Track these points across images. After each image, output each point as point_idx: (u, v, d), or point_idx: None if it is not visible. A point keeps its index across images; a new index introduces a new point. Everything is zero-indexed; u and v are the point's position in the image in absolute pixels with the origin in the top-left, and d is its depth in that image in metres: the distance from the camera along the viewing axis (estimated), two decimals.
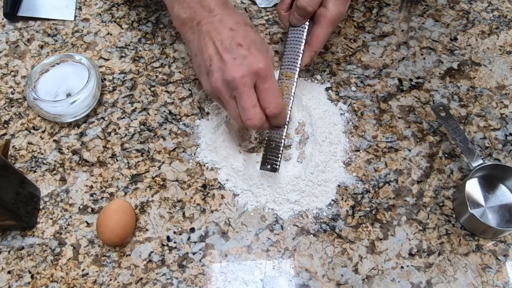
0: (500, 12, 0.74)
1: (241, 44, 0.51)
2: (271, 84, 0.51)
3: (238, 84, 0.50)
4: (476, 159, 0.57)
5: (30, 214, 0.57)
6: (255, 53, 0.51)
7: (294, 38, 0.59)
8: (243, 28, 0.53)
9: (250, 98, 0.51)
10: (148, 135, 0.63)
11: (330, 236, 0.57)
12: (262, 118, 0.52)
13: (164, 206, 0.59)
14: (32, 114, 0.65)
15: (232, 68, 0.50)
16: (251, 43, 0.51)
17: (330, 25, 0.57)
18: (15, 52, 0.70)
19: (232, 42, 0.51)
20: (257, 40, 0.53)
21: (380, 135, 0.63)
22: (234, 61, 0.50)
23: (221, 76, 0.51)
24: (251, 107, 0.51)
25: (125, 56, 0.69)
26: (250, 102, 0.51)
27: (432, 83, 0.67)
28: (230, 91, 0.51)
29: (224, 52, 0.51)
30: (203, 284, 0.54)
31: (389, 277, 0.55)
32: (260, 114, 0.51)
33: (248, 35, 0.52)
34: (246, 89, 0.50)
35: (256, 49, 0.51)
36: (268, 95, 0.51)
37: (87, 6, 0.74)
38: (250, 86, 0.51)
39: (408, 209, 0.59)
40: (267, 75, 0.51)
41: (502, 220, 0.58)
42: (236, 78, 0.50)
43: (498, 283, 0.55)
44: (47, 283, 0.54)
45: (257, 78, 0.50)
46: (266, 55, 0.52)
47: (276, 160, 0.57)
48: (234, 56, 0.50)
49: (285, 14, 0.60)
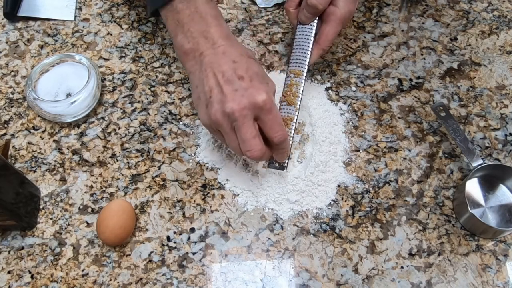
0: (500, 12, 0.74)
1: (242, 77, 0.50)
2: (275, 114, 0.50)
3: (238, 116, 0.49)
4: (476, 159, 0.57)
5: (30, 214, 0.57)
6: (257, 85, 0.50)
7: (303, 36, 0.59)
8: (246, 60, 0.52)
9: (250, 130, 0.50)
10: (148, 135, 0.63)
11: (330, 236, 0.57)
12: (262, 149, 0.51)
13: (164, 206, 0.59)
14: (32, 114, 0.65)
15: (232, 100, 0.49)
16: (253, 75, 0.51)
17: (340, 23, 0.57)
18: (15, 52, 0.70)
19: (233, 74, 0.50)
20: (260, 72, 0.52)
21: (380, 135, 0.63)
22: (235, 93, 0.49)
23: (221, 108, 0.50)
24: (251, 138, 0.50)
25: (125, 56, 0.69)
26: (250, 134, 0.50)
27: (432, 83, 0.67)
28: (229, 123, 0.50)
29: (225, 84, 0.50)
30: (203, 284, 0.54)
31: (389, 277, 0.55)
32: (260, 145, 0.51)
33: (251, 67, 0.52)
34: (246, 120, 0.49)
35: (258, 81, 0.50)
36: (274, 125, 0.51)
37: (87, 6, 0.74)
38: (250, 117, 0.50)
39: (408, 209, 0.59)
40: (271, 107, 0.50)
41: (502, 220, 0.58)
42: (236, 110, 0.49)
43: (498, 283, 0.55)
44: (47, 283, 0.54)
45: (260, 110, 0.50)
46: (267, 87, 0.51)
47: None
48: (235, 88, 0.50)
49: (293, 11, 0.60)
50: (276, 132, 0.51)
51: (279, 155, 0.54)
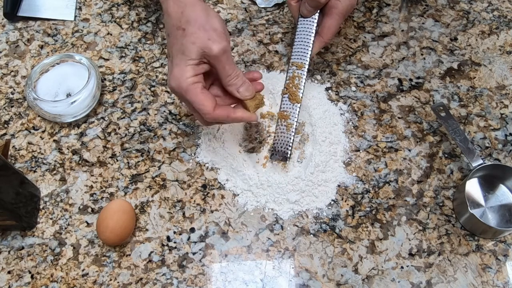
0: (500, 12, 0.74)
1: (169, 55, 0.52)
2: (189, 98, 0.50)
3: (176, 94, 0.52)
4: (476, 159, 0.57)
5: (30, 214, 0.57)
6: (172, 68, 0.51)
7: (304, 29, 0.59)
8: (174, 33, 0.51)
9: (189, 107, 0.52)
10: (148, 135, 0.63)
11: (330, 236, 0.57)
12: (204, 122, 0.54)
13: (164, 206, 0.59)
14: (32, 114, 0.65)
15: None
16: (174, 53, 0.51)
17: (341, 16, 0.58)
18: (15, 52, 0.70)
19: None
20: (182, 48, 0.50)
21: (380, 135, 0.63)
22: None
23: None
24: (193, 111, 0.52)
25: (125, 56, 0.69)
26: (191, 109, 0.52)
27: (432, 83, 0.67)
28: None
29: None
30: (203, 284, 0.54)
31: (389, 277, 0.55)
32: (199, 117, 0.53)
33: (175, 43, 0.50)
34: (185, 99, 0.51)
35: (175, 62, 0.50)
36: (194, 110, 0.52)
37: (87, 6, 0.74)
38: (185, 97, 0.51)
39: (408, 209, 0.59)
40: (181, 94, 0.50)
41: (502, 220, 0.58)
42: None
43: (498, 283, 0.55)
44: (47, 283, 0.54)
45: (180, 94, 0.51)
46: (183, 68, 0.50)
47: (287, 149, 0.57)
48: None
49: (295, 4, 0.60)
50: (200, 115, 0.52)
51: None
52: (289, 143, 0.57)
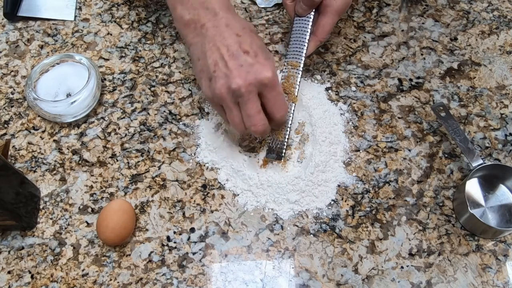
0: (500, 12, 0.74)
1: (247, 51, 0.50)
2: (278, 91, 0.51)
3: (244, 92, 0.49)
4: (476, 159, 0.57)
5: (30, 214, 0.57)
6: (262, 61, 0.50)
7: (300, 28, 0.59)
8: (249, 34, 0.52)
9: (255, 105, 0.50)
10: (148, 135, 0.63)
11: (330, 236, 0.57)
12: (265, 124, 0.52)
13: (164, 206, 0.59)
14: (32, 114, 0.65)
15: (238, 75, 0.49)
16: (258, 50, 0.51)
17: (336, 15, 0.58)
18: (15, 52, 0.70)
19: (238, 49, 0.50)
20: (262, 47, 0.52)
21: (380, 135, 0.63)
22: (241, 69, 0.49)
23: (226, 83, 0.50)
24: (255, 113, 0.51)
25: (125, 56, 0.69)
26: (255, 109, 0.51)
27: (432, 83, 0.67)
28: (234, 98, 0.51)
29: (230, 59, 0.50)
30: (203, 284, 0.54)
31: (389, 277, 0.55)
32: (264, 120, 0.51)
33: (255, 41, 0.51)
34: (252, 96, 0.50)
35: (263, 56, 0.51)
36: (277, 102, 0.51)
37: (87, 6, 0.74)
38: (255, 93, 0.50)
39: (408, 209, 0.59)
40: (275, 84, 0.50)
41: (502, 220, 0.58)
42: (242, 86, 0.49)
43: (498, 283, 0.55)
44: (47, 283, 0.54)
45: (264, 87, 0.50)
46: (272, 63, 0.51)
47: (282, 148, 0.57)
48: (240, 63, 0.50)
49: (290, 4, 0.60)
50: (278, 109, 0.52)
51: (277, 129, 0.57)
52: (284, 142, 0.58)
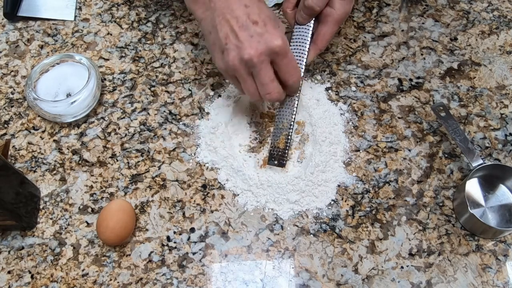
0: (500, 12, 0.74)
1: (256, 22, 0.51)
2: (290, 57, 0.52)
3: (256, 62, 0.51)
4: (476, 159, 0.57)
5: (30, 214, 0.57)
6: (272, 30, 0.51)
7: (300, 36, 0.59)
8: (257, 4, 0.52)
9: (268, 74, 0.52)
10: (148, 135, 0.63)
11: (330, 236, 0.57)
12: (280, 91, 0.53)
13: (164, 206, 0.59)
14: (32, 114, 0.65)
15: (249, 46, 0.50)
16: (266, 19, 0.52)
17: (336, 24, 0.58)
18: (15, 52, 0.70)
19: (247, 20, 0.51)
20: (272, 16, 0.53)
21: (380, 135, 0.63)
22: (251, 39, 0.50)
23: (238, 54, 0.51)
24: (269, 82, 0.52)
25: (125, 56, 0.69)
26: (269, 77, 0.52)
27: (432, 83, 0.67)
28: (247, 68, 0.52)
29: (240, 30, 0.51)
30: (203, 284, 0.54)
31: (389, 277, 0.55)
32: (278, 87, 0.53)
33: (263, 11, 0.52)
34: (264, 65, 0.51)
35: (272, 25, 0.51)
36: (290, 68, 0.53)
37: (87, 6, 0.74)
38: (267, 62, 0.52)
39: (408, 209, 0.59)
40: (286, 51, 0.51)
41: (502, 220, 0.58)
42: (253, 56, 0.50)
43: (498, 283, 0.55)
44: (47, 283, 0.54)
45: (276, 55, 0.51)
46: (281, 31, 0.52)
47: (283, 155, 0.57)
48: (250, 34, 0.51)
49: (291, 12, 0.60)
50: (291, 75, 0.53)
51: (291, 94, 0.58)
52: (286, 149, 0.58)
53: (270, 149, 0.59)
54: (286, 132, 0.58)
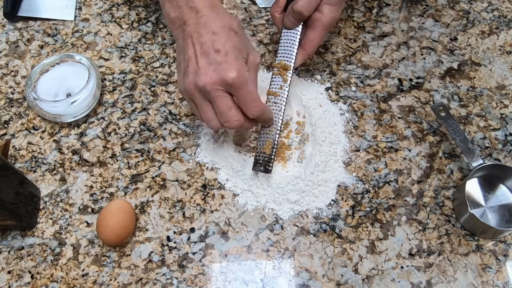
0: (500, 12, 0.74)
1: (218, 50, 0.50)
2: (247, 90, 0.51)
3: (209, 90, 0.50)
4: (476, 159, 0.57)
5: (30, 214, 0.57)
6: (231, 60, 0.50)
7: (288, 40, 0.59)
8: (227, 33, 0.52)
9: (225, 102, 0.51)
10: (148, 135, 0.63)
11: (330, 236, 0.57)
12: (239, 120, 0.52)
13: (164, 206, 0.59)
14: (32, 114, 0.65)
15: (204, 73, 0.50)
16: (230, 49, 0.51)
17: (325, 29, 0.58)
18: (15, 52, 0.70)
19: (210, 47, 0.51)
20: (238, 46, 0.52)
21: (380, 135, 0.63)
22: (209, 67, 0.50)
23: (194, 79, 0.51)
24: (227, 110, 0.51)
25: (125, 56, 0.69)
26: (226, 106, 0.51)
27: (432, 83, 0.67)
28: (202, 95, 0.51)
29: (201, 56, 0.51)
30: (203, 284, 0.54)
31: (389, 277, 0.55)
32: (237, 115, 0.51)
33: (230, 40, 0.51)
34: (219, 93, 0.50)
35: (233, 56, 0.50)
36: (246, 101, 0.51)
37: (87, 6, 0.74)
38: (224, 91, 0.51)
39: (408, 209, 0.59)
40: (241, 84, 0.50)
41: (502, 220, 0.58)
42: (207, 84, 0.50)
43: (498, 283, 0.55)
44: (47, 283, 0.55)
45: (230, 87, 0.50)
46: (241, 63, 0.51)
47: (269, 161, 0.57)
48: (209, 62, 0.50)
49: (279, 16, 0.60)
50: (250, 108, 0.51)
51: (263, 124, 0.57)
52: (272, 155, 0.57)
53: (255, 155, 0.58)
54: (273, 138, 0.57)
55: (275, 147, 0.57)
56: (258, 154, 0.58)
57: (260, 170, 0.57)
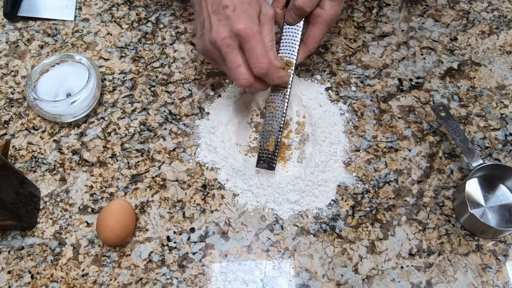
0: (500, 12, 0.74)
1: (227, 6, 0.52)
2: (253, 44, 0.51)
3: (220, 45, 0.51)
4: (476, 159, 0.57)
5: (30, 214, 0.57)
6: (239, 14, 0.51)
7: (289, 36, 0.59)
8: None
9: (234, 59, 0.52)
10: (148, 135, 0.63)
11: (330, 236, 0.57)
12: (247, 78, 0.52)
13: (164, 206, 0.59)
14: (32, 114, 0.65)
15: (215, 30, 0.51)
16: (238, 4, 0.52)
17: (326, 25, 0.58)
18: (15, 52, 0.70)
19: (220, 4, 0.52)
20: (247, 0, 0.53)
21: (380, 135, 0.63)
22: (219, 23, 0.51)
23: (208, 38, 0.52)
24: (235, 67, 0.52)
25: (125, 56, 0.69)
26: (234, 63, 0.52)
27: (432, 83, 0.67)
28: (217, 51, 0.53)
29: (212, 14, 0.52)
30: (203, 284, 0.54)
31: (389, 277, 0.55)
32: (245, 73, 0.52)
33: None
34: (230, 49, 0.51)
35: (241, 9, 0.51)
36: (252, 55, 0.52)
37: (87, 6, 0.74)
38: (234, 46, 0.52)
39: (408, 209, 0.59)
40: (248, 36, 0.51)
41: (502, 220, 0.58)
42: (218, 39, 0.51)
43: (498, 283, 0.55)
44: (47, 283, 0.55)
45: (239, 39, 0.51)
46: (252, 15, 0.52)
47: (273, 158, 0.57)
48: (219, 18, 0.52)
49: (280, 12, 0.60)
50: (254, 63, 0.52)
51: (267, 83, 0.55)
52: (275, 152, 0.57)
53: (259, 152, 0.58)
54: (276, 135, 0.57)
55: (279, 143, 0.57)
56: (261, 151, 0.58)
57: (264, 167, 0.57)
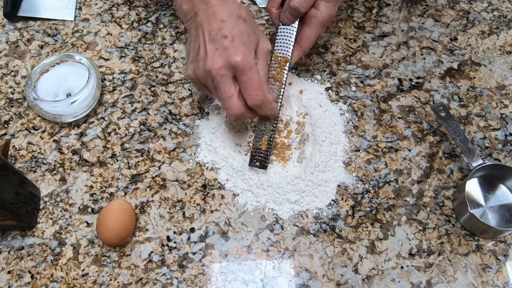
0: (500, 12, 0.74)
1: (225, 36, 0.52)
2: (250, 76, 0.52)
3: (215, 75, 0.51)
4: (476, 159, 0.57)
5: (30, 214, 0.57)
6: (237, 45, 0.51)
7: (284, 36, 0.59)
8: (235, 20, 0.53)
9: (227, 89, 0.52)
10: (148, 135, 0.63)
11: (330, 236, 0.57)
12: (239, 109, 0.53)
13: (164, 206, 0.59)
14: (32, 114, 0.65)
15: (211, 58, 0.51)
16: (237, 34, 0.52)
17: (321, 26, 0.58)
18: (15, 52, 0.70)
19: (218, 34, 0.52)
20: (246, 32, 0.53)
21: (380, 135, 0.63)
22: (215, 52, 0.52)
23: (202, 65, 0.52)
24: (227, 97, 0.52)
25: (125, 56, 0.69)
26: (227, 93, 0.52)
27: (432, 83, 0.67)
28: (210, 79, 0.53)
29: (209, 43, 0.52)
30: (203, 284, 0.54)
31: (389, 277, 0.55)
32: (237, 104, 0.53)
33: (238, 27, 0.53)
34: (224, 79, 0.52)
35: (240, 41, 0.52)
36: (248, 87, 0.52)
37: (87, 6, 0.74)
38: (229, 77, 0.52)
39: (408, 209, 0.59)
40: (245, 68, 0.51)
41: (502, 220, 0.58)
42: (213, 68, 0.51)
43: (498, 283, 0.55)
44: (47, 283, 0.55)
45: (235, 70, 0.51)
46: (250, 48, 0.53)
47: (265, 157, 0.57)
48: (216, 47, 0.52)
49: (275, 12, 0.60)
50: (250, 95, 0.52)
51: (263, 114, 0.56)
52: (268, 151, 0.58)
53: (252, 151, 0.58)
54: (269, 134, 0.58)
55: (271, 143, 0.57)
56: (254, 151, 0.58)
57: (256, 166, 0.58)
